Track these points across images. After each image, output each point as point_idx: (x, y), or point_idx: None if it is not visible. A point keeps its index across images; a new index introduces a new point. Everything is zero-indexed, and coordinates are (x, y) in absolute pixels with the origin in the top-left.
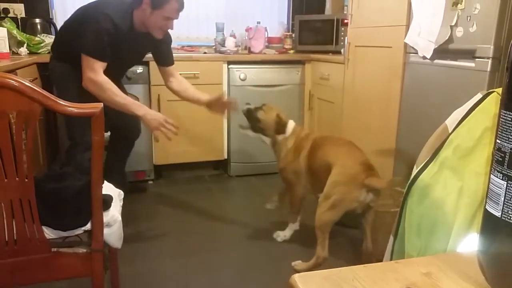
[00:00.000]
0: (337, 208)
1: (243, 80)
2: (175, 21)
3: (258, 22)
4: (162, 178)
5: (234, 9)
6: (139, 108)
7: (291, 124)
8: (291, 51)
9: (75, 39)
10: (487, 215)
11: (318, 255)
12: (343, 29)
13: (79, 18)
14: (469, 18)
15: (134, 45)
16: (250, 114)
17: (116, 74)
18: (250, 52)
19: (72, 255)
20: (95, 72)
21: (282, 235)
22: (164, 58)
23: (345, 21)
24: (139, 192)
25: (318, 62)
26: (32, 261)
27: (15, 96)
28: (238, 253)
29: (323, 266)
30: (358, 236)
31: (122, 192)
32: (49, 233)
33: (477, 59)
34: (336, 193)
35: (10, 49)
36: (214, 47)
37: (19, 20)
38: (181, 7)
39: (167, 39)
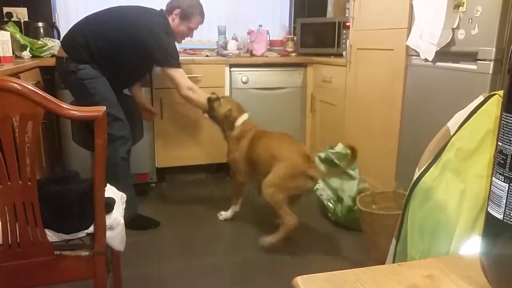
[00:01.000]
0: (286, 191)
1: (245, 83)
2: None
3: (260, 25)
4: (164, 181)
5: (236, 12)
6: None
7: (243, 117)
8: (293, 54)
9: (144, 55)
10: (489, 218)
11: (283, 221)
12: (344, 31)
13: (141, 34)
14: (470, 20)
15: None
16: (210, 103)
17: (140, 75)
18: (252, 55)
19: (75, 258)
20: (186, 79)
21: (224, 214)
22: None
23: (347, 23)
24: (142, 195)
25: (320, 64)
26: (35, 264)
27: (18, 99)
28: (240, 256)
29: (326, 268)
30: (361, 239)
31: (124, 195)
32: (52, 236)
33: (479, 62)
34: (285, 184)
35: (13, 53)
36: (216, 50)
37: (22, 24)
38: (203, 20)
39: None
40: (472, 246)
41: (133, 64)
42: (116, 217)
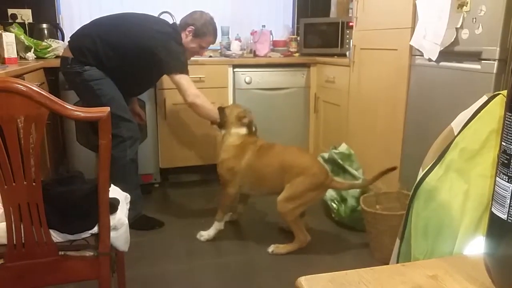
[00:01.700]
0: (304, 205)
1: (248, 83)
2: None
3: (263, 26)
4: (168, 181)
5: (239, 12)
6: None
7: (244, 130)
8: (296, 54)
9: (153, 62)
10: (493, 218)
11: (300, 240)
12: (348, 31)
13: (153, 42)
14: (474, 20)
15: None
16: (221, 111)
17: (150, 84)
18: (255, 55)
19: (79, 258)
20: (194, 86)
21: (206, 234)
22: None
23: (350, 24)
24: (145, 195)
25: (323, 65)
26: (40, 264)
27: (23, 100)
28: (244, 256)
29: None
30: (365, 240)
31: (128, 196)
32: (56, 236)
33: (483, 61)
34: (305, 197)
35: (17, 54)
36: (219, 50)
37: (26, 25)
38: (214, 40)
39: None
40: (476, 246)
41: (142, 73)
42: (120, 217)
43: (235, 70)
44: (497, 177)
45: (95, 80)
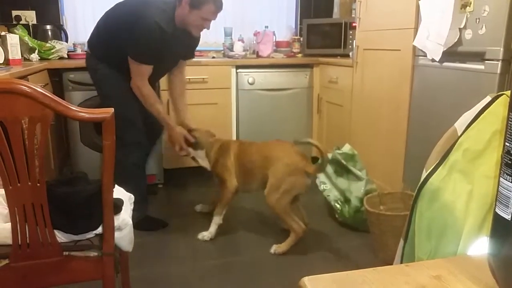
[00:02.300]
0: (289, 193)
1: (251, 84)
2: None
3: (266, 27)
4: (171, 182)
5: (242, 13)
6: (165, 122)
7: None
8: (299, 55)
9: (124, 42)
10: (497, 218)
11: (293, 229)
12: (351, 32)
13: (128, 21)
14: (478, 20)
15: (177, 44)
16: (196, 145)
17: (159, 74)
18: (258, 56)
19: (84, 258)
20: (143, 79)
21: (207, 233)
22: (189, 53)
23: (353, 24)
24: (150, 196)
25: (326, 65)
26: (44, 264)
27: (27, 102)
28: (247, 257)
29: (333, 269)
30: (368, 240)
31: (132, 196)
32: (60, 236)
33: (486, 62)
34: (285, 183)
35: (21, 56)
36: (222, 51)
37: (30, 26)
38: (218, 9)
39: (199, 35)
40: (480, 246)
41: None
42: (124, 218)
43: (238, 70)
44: (501, 178)
45: (108, 81)
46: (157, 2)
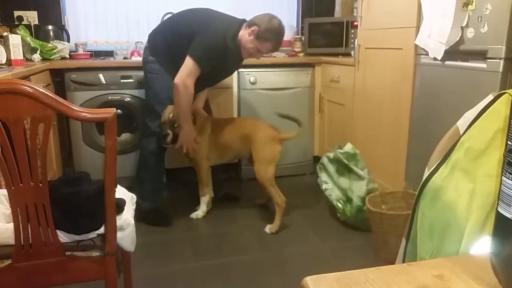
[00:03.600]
0: (272, 163)
1: (253, 83)
2: None
3: None
4: (173, 182)
5: (243, 12)
6: (186, 122)
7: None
8: (301, 54)
9: (188, 46)
10: (500, 217)
11: (278, 203)
12: (352, 31)
13: (199, 30)
14: (480, 18)
15: (230, 60)
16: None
17: (209, 83)
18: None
19: (86, 258)
20: (191, 78)
21: (200, 212)
22: (231, 73)
23: (355, 23)
24: None
25: (328, 64)
26: (47, 264)
27: (29, 102)
28: (249, 256)
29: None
30: (370, 239)
31: (134, 196)
32: (63, 236)
33: (488, 60)
34: (267, 153)
35: (23, 56)
36: None
37: (32, 27)
38: (274, 49)
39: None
40: (483, 246)
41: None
42: (127, 217)
43: (240, 70)
44: (503, 177)
45: (152, 74)
46: (228, 18)
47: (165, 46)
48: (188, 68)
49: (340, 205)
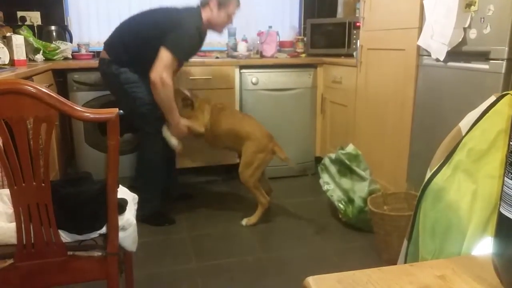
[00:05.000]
0: (259, 169)
1: (255, 84)
2: None
3: (270, 27)
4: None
5: (245, 13)
6: (172, 115)
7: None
8: (303, 55)
9: (159, 44)
10: (502, 218)
11: (261, 202)
12: (355, 32)
13: (168, 27)
14: (482, 19)
15: (200, 47)
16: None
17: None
18: (262, 56)
19: (88, 258)
20: (169, 71)
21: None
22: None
23: (357, 24)
24: None
25: (330, 65)
26: (49, 264)
27: (32, 102)
28: (251, 257)
29: (337, 270)
30: (372, 240)
31: (136, 196)
32: (65, 236)
33: (491, 61)
34: (256, 160)
35: (26, 56)
36: (226, 51)
37: (35, 27)
38: (239, 3)
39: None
40: (485, 246)
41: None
42: (129, 217)
43: (242, 71)
44: (505, 177)
45: (130, 84)
46: (189, 9)
47: (133, 54)
48: (164, 62)
49: (342, 206)
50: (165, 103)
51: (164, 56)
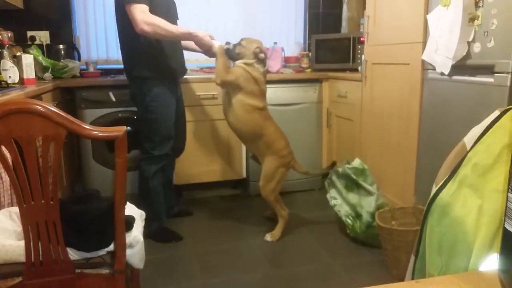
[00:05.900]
0: (280, 183)
1: None
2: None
3: (275, 43)
4: (182, 198)
5: (251, 30)
6: (188, 33)
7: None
8: (308, 70)
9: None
10: (507, 234)
11: (282, 215)
12: (359, 47)
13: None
14: (486, 33)
15: None
16: (229, 52)
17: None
18: (267, 72)
19: (95, 276)
20: (146, 13)
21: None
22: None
23: (362, 39)
24: None
25: (335, 80)
26: (57, 282)
27: (42, 121)
28: (259, 273)
29: (346, 286)
30: (381, 256)
31: (143, 213)
32: (73, 254)
33: (496, 74)
34: (278, 175)
35: (35, 75)
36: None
37: (44, 46)
38: None
39: None
40: (491, 262)
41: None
42: (136, 235)
43: None
44: (509, 193)
45: (150, 96)
46: None
47: (127, 54)
48: (136, 12)
49: (349, 221)
50: (173, 33)
51: (131, 10)
